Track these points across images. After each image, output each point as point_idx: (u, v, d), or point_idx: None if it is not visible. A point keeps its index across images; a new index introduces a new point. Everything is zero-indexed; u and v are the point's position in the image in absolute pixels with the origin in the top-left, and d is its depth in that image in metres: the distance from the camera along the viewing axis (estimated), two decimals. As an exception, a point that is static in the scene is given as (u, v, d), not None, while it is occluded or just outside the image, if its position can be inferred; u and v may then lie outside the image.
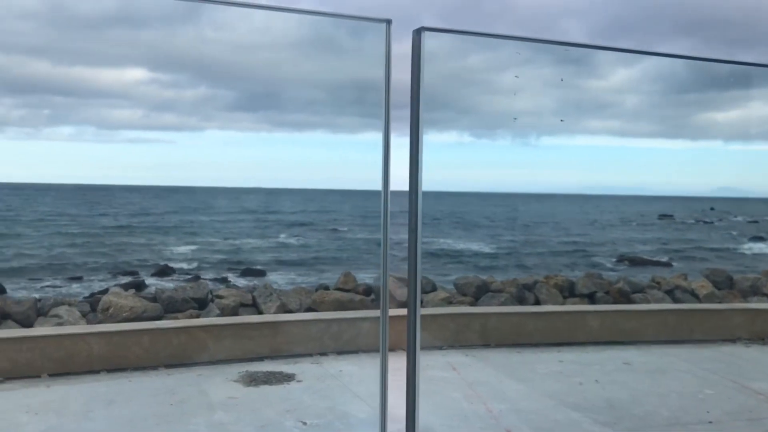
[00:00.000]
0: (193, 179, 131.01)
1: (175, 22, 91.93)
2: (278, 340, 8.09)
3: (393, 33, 4.19)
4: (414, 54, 4.10)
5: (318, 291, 12.71)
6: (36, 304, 10.22)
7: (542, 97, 78.65)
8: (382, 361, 4.35)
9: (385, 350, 4.32)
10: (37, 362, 7.09)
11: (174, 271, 29.07)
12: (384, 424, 4.50)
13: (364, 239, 45.68)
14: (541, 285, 12.47)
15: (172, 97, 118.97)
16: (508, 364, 8.00)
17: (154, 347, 7.56)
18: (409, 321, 4.20)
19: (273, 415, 5.95)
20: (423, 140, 4.09)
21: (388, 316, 4.33)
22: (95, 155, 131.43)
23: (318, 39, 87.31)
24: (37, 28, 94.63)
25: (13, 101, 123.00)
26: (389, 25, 4.16)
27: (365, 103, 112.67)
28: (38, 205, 71.85)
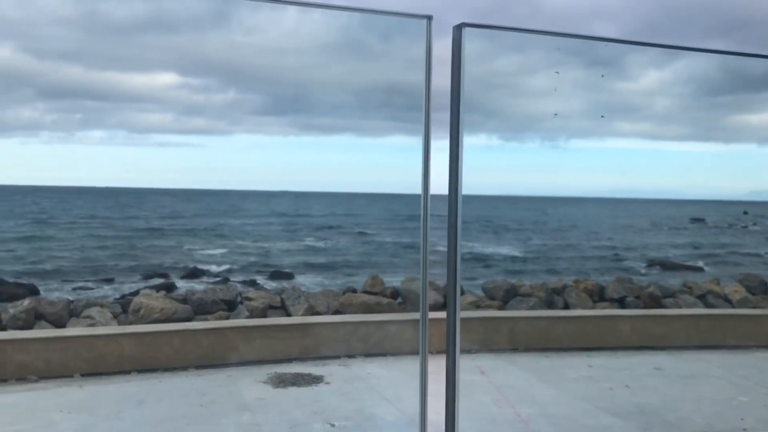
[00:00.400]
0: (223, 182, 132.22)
1: (205, 26, 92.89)
2: (306, 341, 8.12)
3: (422, 35, 4.13)
4: (454, 51, 3.98)
5: (345, 294, 12.73)
6: (69, 305, 10.36)
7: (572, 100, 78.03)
8: (422, 364, 4.32)
9: (425, 353, 4.30)
10: (70, 362, 7.20)
11: (204, 273, 29.33)
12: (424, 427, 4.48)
13: (391, 242, 45.69)
14: (570, 289, 12.36)
15: (202, 101, 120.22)
16: (537, 368, 7.94)
17: (185, 348, 7.64)
18: (449, 324, 4.16)
19: (301, 417, 5.97)
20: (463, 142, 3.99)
21: (427, 319, 4.31)
22: (126, 159, 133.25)
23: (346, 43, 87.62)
24: (70, 34, 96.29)
25: (46, 106, 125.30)
26: (430, 22, 4.06)
27: (392, 107, 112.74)
28: (71, 208, 73.06)
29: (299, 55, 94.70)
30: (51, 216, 61.87)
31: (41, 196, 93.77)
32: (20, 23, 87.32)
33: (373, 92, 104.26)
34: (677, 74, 77.02)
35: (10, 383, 6.88)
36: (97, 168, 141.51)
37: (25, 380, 6.96)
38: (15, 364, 7.02)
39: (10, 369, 6.99)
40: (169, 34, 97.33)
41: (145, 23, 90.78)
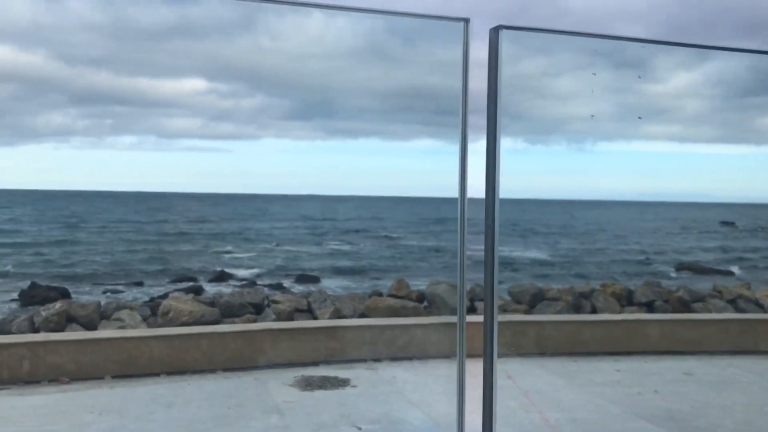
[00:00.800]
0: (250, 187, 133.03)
1: (232, 32, 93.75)
2: (333, 345, 8.15)
3: (447, 38, 4.12)
4: (491, 54, 3.95)
5: (371, 297, 12.75)
6: (99, 307, 10.52)
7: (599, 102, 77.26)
8: (459, 368, 4.31)
9: (463, 357, 4.29)
10: (101, 364, 7.31)
11: (231, 276, 29.56)
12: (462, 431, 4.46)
13: (416, 246, 45.66)
14: (598, 293, 12.27)
15: (230, 106, 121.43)
16: (565, 373, 7.89)
17: (213, 351, 7.71)
18: (486, 328, 4.14)
19: (328, 420, 6.00)
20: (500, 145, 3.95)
21: (465, 323, 4.29)
22: (155, 163, 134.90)
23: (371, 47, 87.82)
24: (100, 40, 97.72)
25: (77, 111, 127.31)
26: (467, 25, 4.03)
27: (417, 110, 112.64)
28: (101, 212, 74.08)
29: (325, 60, 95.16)
30: (82, 220, 62.80)
31: (72, 201, 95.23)
32: (51, 30, 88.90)
33: (398, 96, 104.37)
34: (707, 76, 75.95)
35: (42, 384, 7.00)
36: (127, 173, 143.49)
37: (58, 382, 7.08)
38: (47, 365, 7.15)
39: (42, 370, 7.12)
40: (197, 40, 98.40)
41: (173, 29, 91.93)
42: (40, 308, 10.67)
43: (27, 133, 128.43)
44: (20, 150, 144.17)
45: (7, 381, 6.95)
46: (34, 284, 22.53)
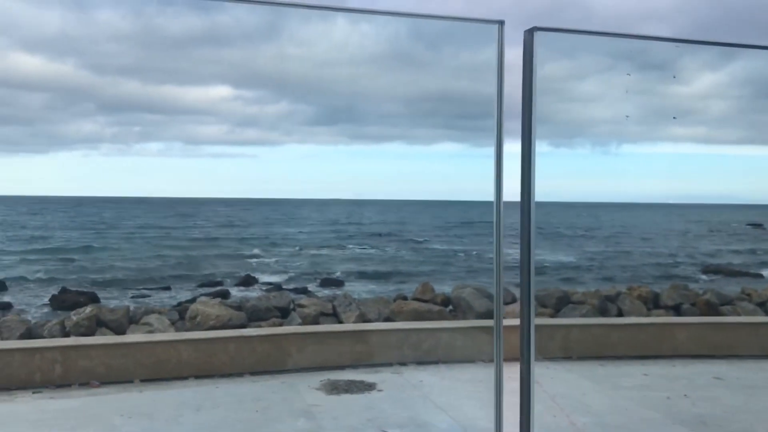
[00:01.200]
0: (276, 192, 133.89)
1: (257, 40, 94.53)
2: (359, 348, 8.18)
3: (471, 42, 4.12)
4: (525, 56, 3.91)
5: (396, 301, 12.78)
6: (128, 312, 10.67)
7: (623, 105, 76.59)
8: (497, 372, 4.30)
9: (500, 361, 4.28)
10: (131, 368, 7.41)
11: (257, 280, 29.74)
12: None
13: (441, 249, 45.57)
14: (624, 296, 12.16)
15: (255, 112, 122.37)
16: (591, 376, 7.84)
17: (240, 354, 7.78)
18: (522, 332, 4.13)
19: (355, 423, 6.03)
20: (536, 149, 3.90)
21: (502, 326, 4.29)
22: (183, 170, 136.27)
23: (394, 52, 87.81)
24: (128, 50, 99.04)
25: (106, 119, 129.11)
26: (502, 27, 4.01)
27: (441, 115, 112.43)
28: (129, 218, 74.95)
29: (349, 66, 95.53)
30: (111, 226, 63.63)
31: (102, 207, 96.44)
32: (81, 41, 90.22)
33: (421, 100, 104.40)
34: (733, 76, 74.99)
35: (74, 388, 7.11)
36: (155, 179, 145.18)
37: (88, 385, 7.18)
38: (78, 369, 7.26)
39: (74, 374, 7.23)
40: (223, 48, 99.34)
41: (200, 38, 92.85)
42: (70, 313, 10.84)
43: (58, 141, 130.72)
44: (51, 157, 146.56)
45: (40, 384, 7.08)
46: (64, 289, 22.87)
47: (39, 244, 44.74)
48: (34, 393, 6.90)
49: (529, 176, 3.94)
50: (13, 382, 7.00)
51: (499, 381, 4.28)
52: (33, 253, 38.95)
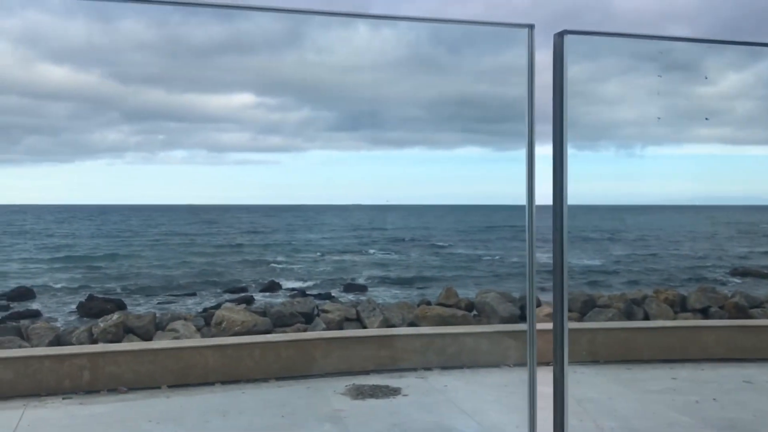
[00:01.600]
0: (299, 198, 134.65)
1: (279, 47, 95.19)
2: (384, 353, 8.18)
3: (493, 46, 4.14)
4: (555, 59, 3.91)
5: (420, 306, 12.78)
6: (155, 318, 10.78)
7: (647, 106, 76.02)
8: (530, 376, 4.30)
9: (533, 365, 4.27)
10: (158, 374, 7.48)
11: (281, 286, 29.87)
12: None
13: (464, 254, 45.44)
14: (650, 300, 12.05)
15: (278, 119, 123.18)
16: (618, 380, 7.77)
17: (265, 360, 7.82)
18: (555, 335, 4.12)
19: (380, 428, 6.03)
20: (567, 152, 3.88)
21: (535, 330, 4.28)
22: (206, 177, 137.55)
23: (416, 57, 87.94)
24: (152, 59, 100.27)
25: (131, 128, 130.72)
26: (532, 31, 4.03)
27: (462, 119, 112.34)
28: (154, 225, 75.72)
29: (370, 72, 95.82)
30: (136, 233, 64.31)
31: (128, 215, 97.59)
32: (106, 50, 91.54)
33: (443, 105, 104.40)
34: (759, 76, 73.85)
35: (102, 394, 7.19)
36: (179, 186, 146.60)
37: (116, 391, 7.27)
38: (107, 375, 7.35)
39: (102, 380, 7.32)
40: (246, 56, 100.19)
41: (223, 46, 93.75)
42: (98, 320, 10.99)
43: (83, 150, 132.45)
44: (77, 166, 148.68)
45: (69, 390, 7.17)
46: (91, 296, 23.14)
47: (66, 252, 45.35)
48: (63, 399, 6.99)
49: (561, 180, 3.93)
50: (43, 388, 7.10)
51: (533, 385, 4.27)
52: (60, 261, 39.49)
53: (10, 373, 7.10)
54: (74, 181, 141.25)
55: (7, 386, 7.02)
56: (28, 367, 7.19)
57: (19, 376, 7.11)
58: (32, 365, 7.22)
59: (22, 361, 7.28)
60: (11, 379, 7.06)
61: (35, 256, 42.56)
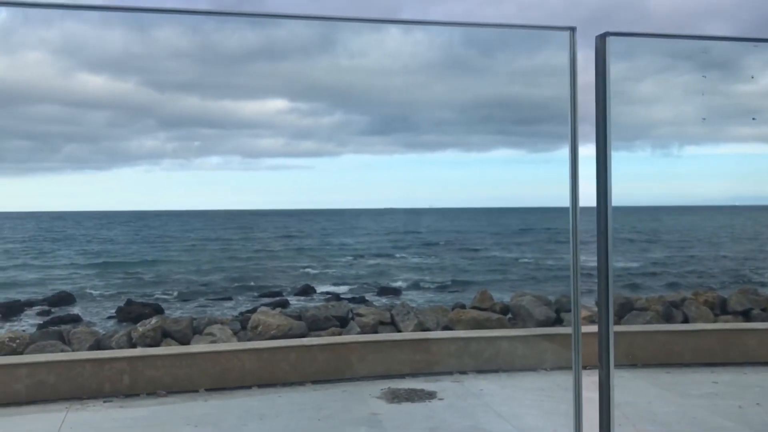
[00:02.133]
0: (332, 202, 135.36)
1: (312, 52, 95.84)
2: (419, 357, 8.17)
3: (526, 47, 4.12)
4: (598, 61, 3.90)
5: (454, 309, 12.71)
6: (192, 323, 10.89)
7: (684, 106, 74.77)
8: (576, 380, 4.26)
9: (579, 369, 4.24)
10: (195, 377, 7.57)
11: (315, 290, 30.02)
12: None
13: (499, 257, 45.18)
14: (689, 302, 11.83)
15: (310, 124, 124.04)
16: (658, 384, 7.65)
17: (301, 363, 7.87)
18: (601, 339, 4.09)
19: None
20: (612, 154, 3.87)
21: (580, 334, 4.25)
22: (241, 182, 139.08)
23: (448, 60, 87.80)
24: (187, 67, 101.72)
25: (167, 135, 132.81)
26: (573, 33, 4.02)
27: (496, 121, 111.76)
28: (191, 231, 76.72)
29: (402, 75, 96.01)
30: (173, 238, 65.22)
31: (164, 221, 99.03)
32: (142, 59, 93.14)
33: (476, 107, 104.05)
34: (802, 72, 72.11)
35: (141, 397, 7.31)
36: (215, 192, 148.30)
37: (155, 394, 7.37)
38: (146, 379, 7.46)
39: (141, 384, 7.43)
40: (279, 62, 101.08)
41: (256, 52, 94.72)
42: (136, 324, 11.15)
43: (121, 157, 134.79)
44: (115, 173, 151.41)
45: (110, 394, 7.29)
46: (129, 301, 23.51)
47: (105, 257, 46.15)
48: (104, 402, 7.11)
49: (605, 181, 3.92)
50: (84, 392, 7.24)
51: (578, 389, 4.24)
52: (99, 267, 40.21)
53: (52, 376, 7.25)
54: (112, 187, 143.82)
55: (50, 389, 7.17)
56: (70, 371, 7.34)
57: (61, 379, 7.25)
58: (74, 369, 7.37)
59: (64, 364, 7.43)
60: (54, 383, 7.21)
61: (75, 261, 43.42)
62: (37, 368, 7.31)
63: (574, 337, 4.22)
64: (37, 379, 7.18)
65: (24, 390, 7.11)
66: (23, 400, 7.05)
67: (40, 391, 7.13)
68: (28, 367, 7.31)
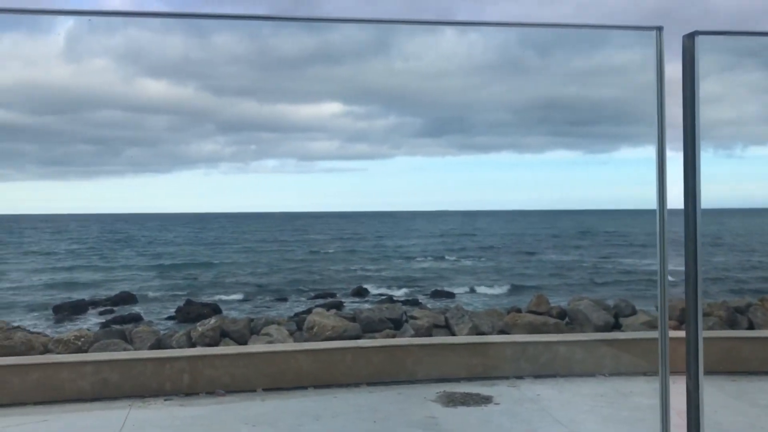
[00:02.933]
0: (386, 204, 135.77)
1: (367, 55, 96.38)
2: (475, 361, 8.11)
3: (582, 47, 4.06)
4: (685, 61, 3.81)
5: (510, 313, 12.59)
6: (250, 323, 11.07)
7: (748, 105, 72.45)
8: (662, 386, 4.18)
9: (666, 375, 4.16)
10: (253, 377, 7.67)
11: (369, 292, 30.13)
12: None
13: (556, 260, 44.54)
14: (755, 308, 11.45)
15: (365, 127, 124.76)
16: (723, 392, 7.42)
17: (357, 365, 7.89)
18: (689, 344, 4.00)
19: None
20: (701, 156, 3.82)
21: (668, 338, 4.18)
22: (297, 185, 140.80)
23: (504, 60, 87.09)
24: (245, 72, 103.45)
25: (225, 139, 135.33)
26: (660, 33, 3.94)
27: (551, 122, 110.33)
28: (248, 233, 77.98)
29: (457, 77, 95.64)
30: (231, 240, 66.39)
31: (222, 222, 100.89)
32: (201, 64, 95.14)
33: (531, 108, 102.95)
34: None
35: (201, 396, 7.44)
36: (271, 194, 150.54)
37: (214, 393, 7.50)
38: (205, 378, 7.60)
39: (200, 383, 7.57)
40: (334, 65, 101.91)
41: (312, 56, 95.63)
42: (196, 324, 11.38)
43: (180, 161, 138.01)
44: (175, 176, 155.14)
45: (170, 392, 7.45)
46: (189, 301, 24.01)
47: (165, 258, 47.27)
48: (165, 400, 7.27)
49: (694, 184, 3.85)
50: (146, 390, 7.41)
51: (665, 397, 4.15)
52: (159, 268, 41.20)
53: (116, 374, 7.45)
54: (172, 190, 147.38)
55: (113, 387, 7.37)
56: (133, 369, 7.53)
57: (124, 377, 7.45)
58: (136, 367, 7.56)
59: (126, 363, 7.63)
60: (117, 381, 7.41)
61: (137, 263, 44.58)
62: (102, 366, 7.53)
63: (660, 343, 4.13)
64: (101, 377, 7.39)
65: (89, 387, 7.33)
66: (88, 397, 7.27)
67: (104, 389, 7.34)
68: (93, 365, 7.54)
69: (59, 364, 7.57)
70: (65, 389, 7.28)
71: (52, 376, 7.34)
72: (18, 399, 7.15)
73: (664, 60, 3.90)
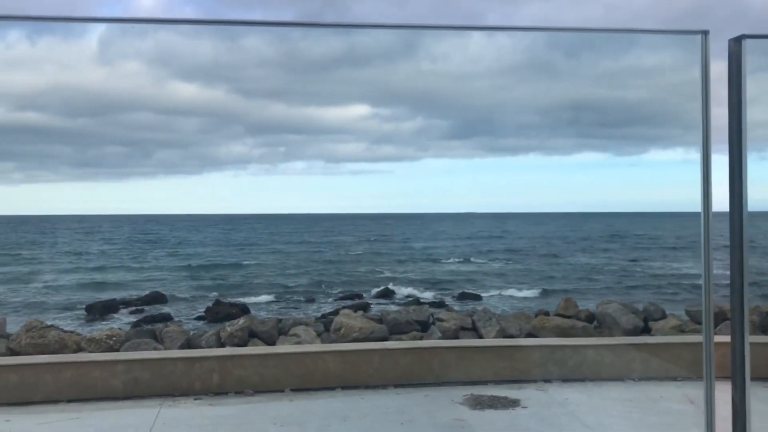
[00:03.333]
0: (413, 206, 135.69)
1: (394, 58, 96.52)
2: (502, 364, 8.08)
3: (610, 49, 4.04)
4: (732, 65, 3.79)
5: (538, 316, 12.53)
6: (278, 323, 11.16)
7: (782, 106, 71.05)
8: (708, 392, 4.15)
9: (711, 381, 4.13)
10: (281, 377, 7.73)
11: (395, 294, 30.14)
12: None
13: (584, 263, 44.16)
14: (790, 313, 11.26)
15: (391, 129, 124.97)
16: (757, 399, 7.29)
17: (384, 366, 7.91)
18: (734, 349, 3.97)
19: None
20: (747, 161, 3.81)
21: (712, 343, 4.15)
22: (324, 186, 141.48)
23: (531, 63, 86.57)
24: (274, 74, 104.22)
25: (254, 141, 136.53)
26: (706, 37, 3.94)
27: (580, 124, 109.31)
28: (276, 234, 78.49)
29: (484, 79, 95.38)
30: (259, 241, 66.87)
31: (251, 224, 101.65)
32: (231, 67, 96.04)
33: (559, 110, 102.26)
34: None
35: (230, 396, 7.52)
36: (299, 196, 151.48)
37: (243, 393, 7.57)
38: (234, 378, 7.68)
39: (229, 383, 7.65)
40: (362, 68, 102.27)
41: (340, 59, 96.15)
42: (225, 324, 11.50)
43: (210, 163, 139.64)
44: (204, 178, 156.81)
45: (200, 392, 7.54)
46: (218, 301, 24.22)
47: (195, 259, 47.77)
48: (195, 399, 7.36)
49: (740, 188, 3.82)
50: (176, 389, 7.51)
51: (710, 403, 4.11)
52: (189, 268, 41.65)
53: (147, 373, 7.56)
54: (202, 191, 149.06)
55: (144, 386, 7.47)
56: (163, 368, 7.63)
57: (154, 376, 7.55)
58: (166, 367, 7.66)
59: (157, 362, 7.74)
60: (148, 380, 7.52)
61: (167, 263, 45.10)
62: (133, 365, 7.64)
63: (705, 348, 4.10)
64: (132, 376, 7.51)
65: (120, 386, 7.45)
66: (120, 395, 7.39)
67: (135, 387, 7.45)
68: (124, 364, 7.65)
69: (92, 363, 7.70)
70: (97, 387, 7.40)
71: (85, 374, 7.47)
72: (51, 397, 7.29)
73: (710, 64, 3.88)
